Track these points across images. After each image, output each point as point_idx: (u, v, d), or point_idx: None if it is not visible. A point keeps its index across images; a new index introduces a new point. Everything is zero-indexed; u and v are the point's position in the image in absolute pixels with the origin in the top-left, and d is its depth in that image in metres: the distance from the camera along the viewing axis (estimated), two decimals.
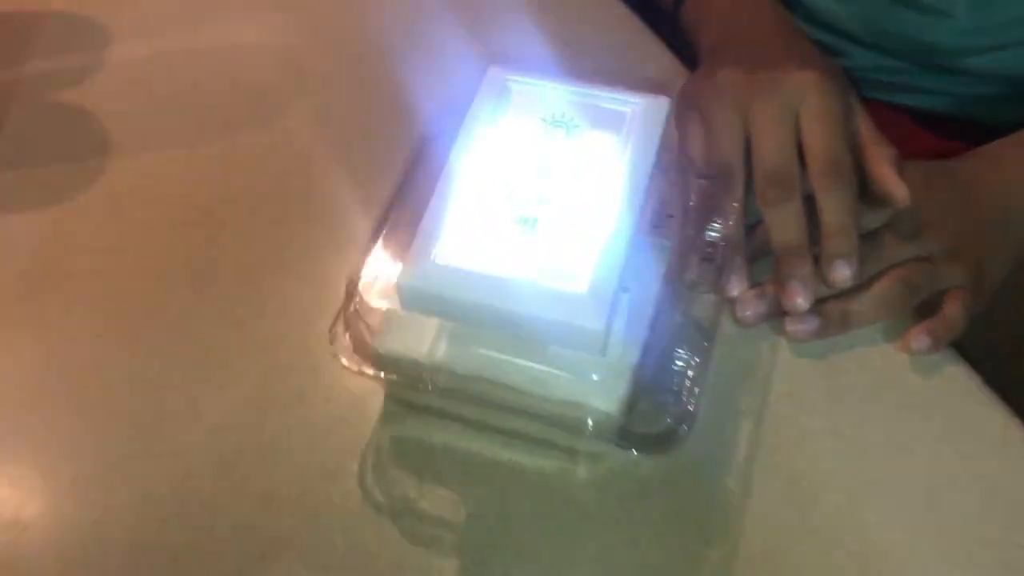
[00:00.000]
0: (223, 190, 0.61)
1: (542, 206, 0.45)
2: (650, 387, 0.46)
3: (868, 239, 0.54)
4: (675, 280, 0.49)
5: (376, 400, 0.52)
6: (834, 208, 0.53)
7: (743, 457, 0.50)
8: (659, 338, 0.47)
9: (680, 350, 0.47)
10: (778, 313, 0.54)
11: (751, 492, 0.49)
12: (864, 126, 0.56)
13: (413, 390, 0.50)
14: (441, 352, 0.47)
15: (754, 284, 0.55)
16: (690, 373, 0.47)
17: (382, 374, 0.47)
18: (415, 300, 0.44)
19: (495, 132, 0.47)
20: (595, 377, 0.45)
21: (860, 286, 0.54)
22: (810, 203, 0.53)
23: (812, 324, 0.53)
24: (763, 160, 0.54)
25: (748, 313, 0.54)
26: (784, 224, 0.53)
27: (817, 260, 0.53)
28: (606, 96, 0.48)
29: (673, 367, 0.47)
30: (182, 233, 0.60)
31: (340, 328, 0.49)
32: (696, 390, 0.47)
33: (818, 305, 0.53)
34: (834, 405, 0.52)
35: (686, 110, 0.58)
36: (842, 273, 0.52)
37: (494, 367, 0.47)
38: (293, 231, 0.59)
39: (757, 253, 0.56)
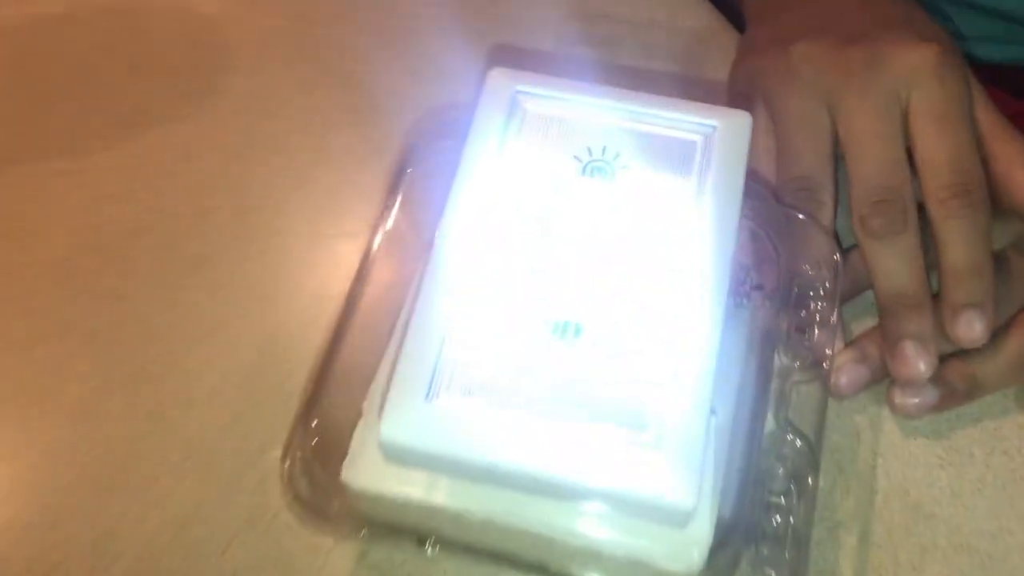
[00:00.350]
0: (129, 216, 0.46)
1: (586, 304, 0.30)
2: (738, 534, 0.33)
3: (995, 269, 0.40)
4: (766, 373, 0.35)
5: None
6: (963, 241, 0.39)
7: None
8: (749, 462, 0.34)
9: (776, 475, 0.34)
10: (882, 377, 0.41)
11: None
12: (985, 113, 0.42)
13: (403, 548, 0.36)
14: (444, 490, 0.33)
15: (850, 340, 0.41)
16: (793, 509, 0.33)
17: (362, 531, 0.34)
18: (405, 457, 0.30)
19: (504, 179, 0.33)
20: (662, 545, 0.31)
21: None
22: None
23: (929, 397, 0.40)
24: (864, 175, 0.40)
25: (844, 381, 0.40)
26: (895, 266, 0.39)
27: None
28: (664, 115, 0.33)
29: (768, 501, 0.34)
30: (74, 281, 0.44)
31: (296, 455, 0.35)
32: (803, 535, 0.33)
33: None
34: (959, 506, 0.40)
35: (746, 97, 0.44)
36: (974, 330, 0.39)
37: (520, 511, 0.33)
38: (225, 282, 0.44)
39: (852, 292, 0.42)
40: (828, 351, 0.37)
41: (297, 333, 0.42)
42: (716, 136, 0.33)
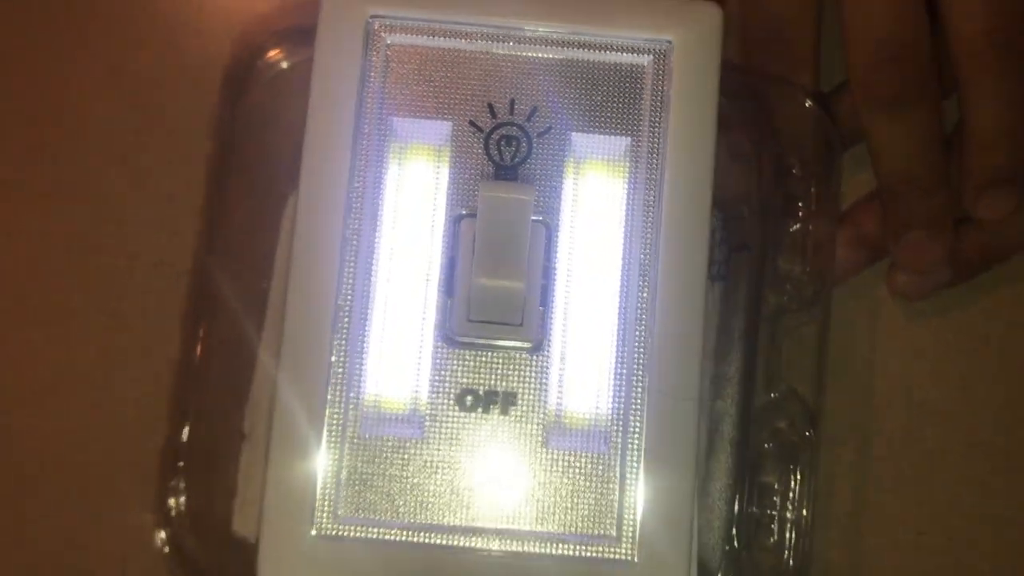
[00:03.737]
0: None
1: (513, 361, 0.22)
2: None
3: None
4: (752, 353, 0.27)
5: None
6: (997, 102, 0.29)
7: None
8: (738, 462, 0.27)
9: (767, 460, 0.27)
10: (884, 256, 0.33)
11: None
12: None
13: None
14: None
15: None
16: (790, 508, 0.27)
17: None
18: None
19: (372, 171, 0.22)
20: None
21: None
22: None
23: (940, 275, 0.32)
24: (866, 23, 0.29)
25: (837, 267, 0.33)
26: (906, 144, 0.30)
27: None
28: (590, 30, 0.22)
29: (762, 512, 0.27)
30: None
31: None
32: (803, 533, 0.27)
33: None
34: (972, 402, 0.34)
35: None
36: (1002, 207, 0.31)
37: None
38: None
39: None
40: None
41: None
42: (672, 55, 0.22)
